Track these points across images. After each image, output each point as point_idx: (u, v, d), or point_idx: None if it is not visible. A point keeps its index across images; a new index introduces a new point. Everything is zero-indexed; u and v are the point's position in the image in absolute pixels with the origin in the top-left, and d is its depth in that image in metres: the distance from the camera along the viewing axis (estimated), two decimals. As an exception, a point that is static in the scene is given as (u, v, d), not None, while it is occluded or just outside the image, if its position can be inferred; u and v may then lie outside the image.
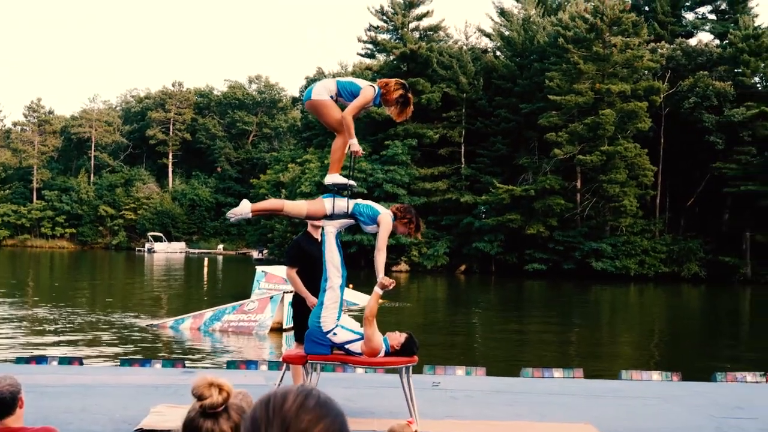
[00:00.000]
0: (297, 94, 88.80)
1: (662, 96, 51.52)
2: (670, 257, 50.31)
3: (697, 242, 50.51)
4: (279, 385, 6.23)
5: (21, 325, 20.17)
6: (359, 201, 6.45)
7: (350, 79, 6.56)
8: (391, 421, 6.71)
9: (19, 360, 10.31)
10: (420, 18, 63.20)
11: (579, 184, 52.02)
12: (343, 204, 6.32)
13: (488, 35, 63.92)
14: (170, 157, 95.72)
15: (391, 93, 6.43)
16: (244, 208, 6.19)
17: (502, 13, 62.29)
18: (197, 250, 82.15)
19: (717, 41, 57.51)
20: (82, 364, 9.98)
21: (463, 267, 54.50)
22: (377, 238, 6.29)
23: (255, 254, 69.36)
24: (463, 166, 57.51)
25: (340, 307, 6.32)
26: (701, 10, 62.44)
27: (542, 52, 55.82)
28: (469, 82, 57.03)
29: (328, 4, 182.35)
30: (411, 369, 6.39)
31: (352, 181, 6.43)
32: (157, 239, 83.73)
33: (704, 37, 60.29)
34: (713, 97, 49.48)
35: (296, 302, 7.39)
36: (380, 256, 6.26)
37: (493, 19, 63.54)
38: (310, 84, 6.61)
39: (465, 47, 62.81)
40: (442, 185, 56.20)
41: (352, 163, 6.65)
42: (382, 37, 63.29)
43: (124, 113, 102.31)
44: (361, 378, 8.81)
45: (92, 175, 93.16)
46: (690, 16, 62.88)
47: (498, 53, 62.54)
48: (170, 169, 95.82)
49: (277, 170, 67.56)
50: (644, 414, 7.38)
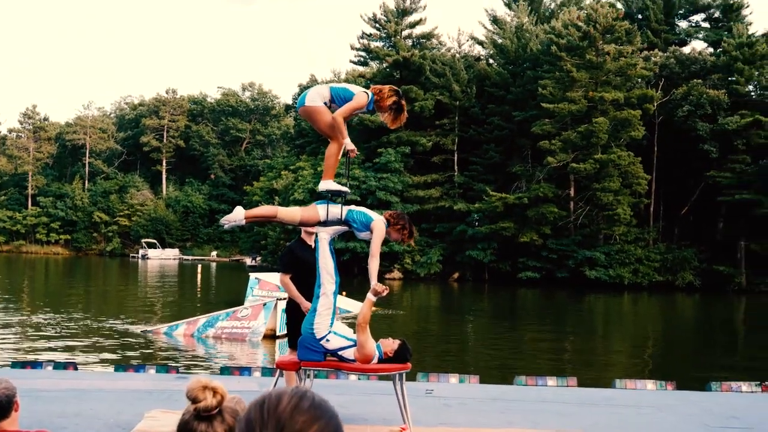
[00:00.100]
0: (290, 102, 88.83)
1: (656, 104, 51.64)
2: (664, 266, 50.31)
3: (691, 251, 50.50)
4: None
5: (16, 331, 20.11)
6: (353, 207, 6.45)
7: (344, 85, 6.57)
8: (384, 428, 6.73)
9: (15, 365, 10.28)
10: (413, 26, 63.30)
11: (572, 192, 52.03)
12: (336, 210, 6.32)
13: (481, 43, 64.03)
14: (164, 163, 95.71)
15: (384, 100, 6.44)
16: (237, 215, 6.19)
17: (495, 20, 62.39)
18: (191, 257, 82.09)
19: (711, 49, 57.68)
20: (76, 369, 9.96)
21: (456, 275, 54.47)
22: (370, 245, 6.29)
23: (248, 261, 69.34)
24: (456, 173, 57.53)
25: (333, 314, 6.32)
26: (695, 18, 62.73)
27: (535, 60, 55.89)
28: (462, 90, 57.10)
29: (321, 12, 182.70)
30: (404, 376, 6.39)
31: (346, 188, 6.44)
32: (151, 246, 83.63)
33: (698, 45, 60.58)
34: (707, 106, 49.57)
35: (290, 309, 7.39)
36: (373, 263, 6.26)
37: (485, 27, 63.65)
38: (304, 91, 6.63)
39: (458, 55, 62.89)
40: (435, 193, 56.20)
41: (348, 163, 6.66)
42: (375, 44, 63.38)
43: (118, 120, 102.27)
44: (354, 384, 8.79)
45: (87, 181, 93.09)
46: (683, 24, 63.14)
47: (491, 61, 62.62)
48: (164, 176, 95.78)
49: (271, 177, 67.53)
50: (638, 423, 7.39)
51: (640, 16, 60.25)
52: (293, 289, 7.19)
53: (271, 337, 19.55)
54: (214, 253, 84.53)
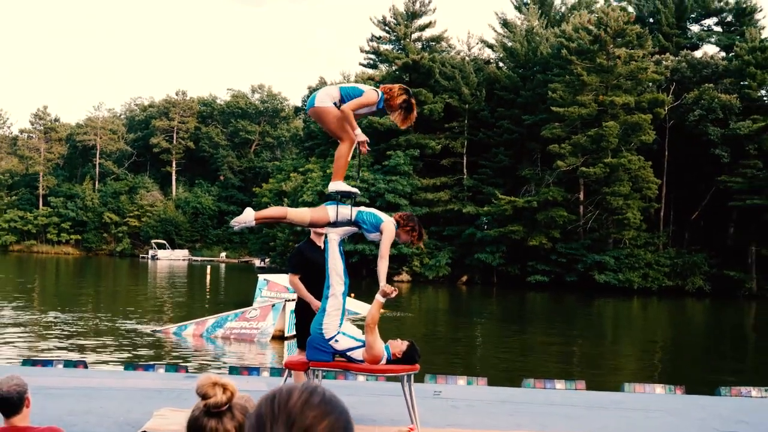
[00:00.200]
0: (299, 104, 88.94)
1: (667, 108, 51.45)
2: (674, 271, 50.11)
3: (701, 256, 50.27)
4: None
5: (27, 329, 20.22)
6: (362, 209, 6.46)
7: (353, 84, 6.57)
8: (393, 428, 6.73)
9: (25, 362, 10.38)
10: (422, 28, 63.31)
11: (582, 196, 51.90)
12: (346, 211, 6.32)
13: (491, 46, 63.95)
14: (174, 165, 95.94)
15: (394, 98, 6.44)
16: (247, 216, 6.19)
17: (505, 24, 62.33)
18: (200, 258, 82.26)
19: (723, 53, 57.48)
20: (86, 367, 10.02)
21: (464, 278, 54.40)
22: (380, 246, 6.29)
23: (257, 262, 69.42)
24: (465, 176, 57.47)
25: (342, 315, 6.33)
26: (707, 22, 62.44)
27: (545, 64, 55.78)
28: (471, 93, 57.04)
29: (331, 15, 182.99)
30: (412, 377, 6.40)
31: (355, 189, 6.44)
32: (160, 246, 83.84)
33: (710, 50, 60.34)
34: (719, 110, 49.35)
35: (299, 309, 7.40)
36: (382, 264, 6.26)
37: (495, 30, 63.61)
38: (313, 93, 6.62)
39: (467, 58, 62.83)
40: (444, 196, 56.15)
41: (359, 155, 6.66)
42: (384, 47, 63.42)
43: (128, 121, 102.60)
44: (363, 385, 8.81)
45: (97, 182, 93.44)
46: (695, 28, 62.86)
47: (501, 64, 62.52)
48: (174, 177, 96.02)
49: (280, 179, 67.57)
50: (647, 426, 7.37)
51: (651, 20, 60.06)
52: (303, 289, 7.20)
53: (279, 338, 19.58)
54: (223, 254, 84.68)
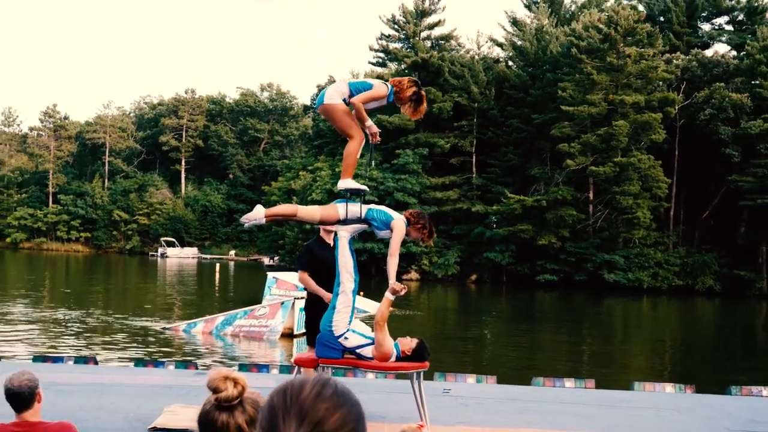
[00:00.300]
0: (308, 102, 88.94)
1: (677, 107, 51.25)
2: (684, 270, 49.97)
3: (711, 255, 50.11)
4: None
5: (38, 326, 20.31)
6: (373, 206, 6.46)
7: (362, 79, 6.59)
8: (402, 425, 6.73)
9: (36, 359, 10.41)
10: (432, 27, 63.30)
11: (591, 195, 51.80)
12: (356, 209, 6.32)
13: (500, 45, 63.86)
14: (183, 163, 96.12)
15: (404, 91, 6.44)
16: (257, 213, 6.20)
17: (515, 22, 62.22)
18: (209, 256, 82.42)
19: (734, 52, 57.20)
20: (96, 363, 10.06)
21: (473, 277, 54.36)
22: (390, 244, 6.28)
23: (266, 260, 69.53)
24: (474, 175, 57.41)
25: (352, 312, 6.33)
26: (718, 20, 62.14)
27: (555, 62, 55.70)
28: (480, 92, 56.97)
29: (340, 13, 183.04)
30: (422, 374, 6.39)
31: (365, 187, 6.44)
32: (170, 244, 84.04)
33: (721, 48, 60.07)
34: (729, 109, 49.12)
35: (309, 307, 7.40)
36: (392, 262, 6.25)
37: (505, 29, 63.51)
38: (322, 90, 6.64)
39: (477, 57, 62.78)
40: (453, 194, 56.11)
41: (372, 148, 6.66)
42: (393, 45, 63.43)
43: (137, 119, 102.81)
44: (372, 383, 8.80)
45: (106, 180, 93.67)
46: (706, 26, 62.56)
47: (510, 63, 62.44)
48: (183, 175, 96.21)
49: (289, 177, 67.61)
50: (657, 425, 7.34)
51: (662, 19, 59.80)
52: (313, 284, 7.18)
53: (288, 335, 19.61)
54: (232, 252, 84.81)
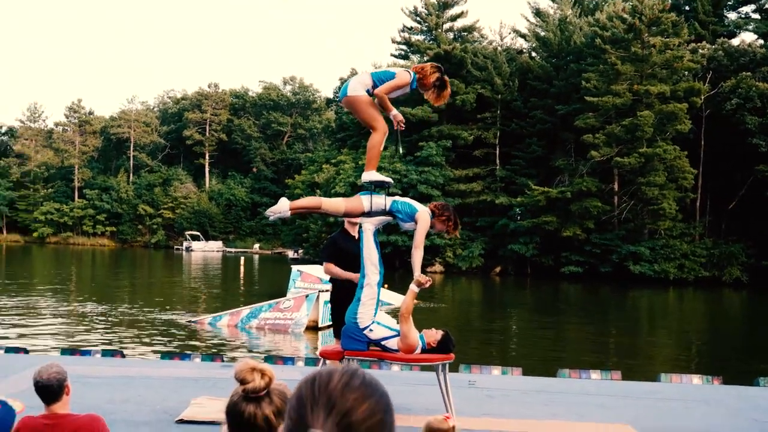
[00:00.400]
0: (331, 95, 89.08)
1: (703, 97, 50.70)
2: (710, 261, 49.52)
3: (738, 246, 49.61)
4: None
5: (65, 320, 20.54)
6: (397, 198, 6.45)
7: (384, 68, 6.58)
8: (428, 417, 6.73)
9: (64, 352, 10.53)
10: (454, 19, 63.04)
11: (616, 186, 51.48)
12: (380, 201, 6.32)
13: (523, 36, 63.55)
14: (207, 157, 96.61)
15: (427, 77, 6.43)
16: (282, 206, 6.22)
17: (538, 13, 61.86)
18: (234, 249, 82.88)
19: (761, 41, 56.43)
20: (123, 356, 10.16)
21: (498, 269, 54.22)
22: (414, 236, 6.27)
23: (290, 254, 69.77)
24: (498, 167, 57.22)
25: (377, 304, 6.33)
26: (744, 9, 61.33)
27: (579, 53, 55.30)
28: (504, 83, 56.71)
29: (362, 6, 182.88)
30: (447, 366, 6.39)
31: (388, 179, 6.44)
32: (194, 238, 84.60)
33: (747, 37, 59.41)
34: (756, 99, 48.49)
35: (335, 299, 7.41)
36: (417, 254, 6.25)
37: (528, 20, 63.16)
38: (345, 82, 6.68)
39: (500, 48, 62.51)
40: (476, 187, 55.97)
41: (398, 136, 6.67)
42: (415, 38, 63.29)
43: (161, 114, 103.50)
44: (397, 375, 8.81)
45: (131, 174, 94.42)
46: (732, 15, 61.78)
47: (533, 54, 62.07)
48: (207, 169, 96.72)
49: (312, 171, 67.77)
50: (684, 416, 7.30)
51: (687, 8, 59.14)
52: (339, 271, 7.19)
53: (313, 328, 19.69)
54: (256, 245, 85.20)
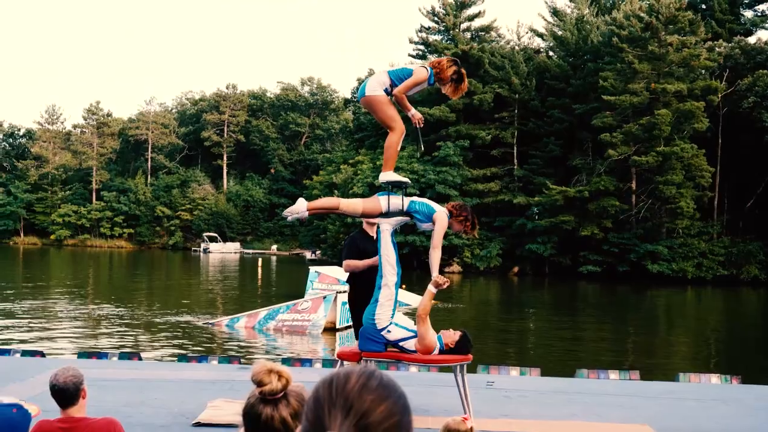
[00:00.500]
0: (349, 96, 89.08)
1: (720, 95, 50.43)
2: (728, 260, 49.23)
3: (757, 245, 49.30)
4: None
5: (82, 322, 20.64)
6: (415, 198, 6.45)
7: (401, 65, 6.59)
8: (446, 418, 6.72)
9: (81, 355, 10.57)
10: (471, 18, 62.98)
11: (634, 185, 51.25)
12: (398, 201, 6.32)
13: (541, 35, 63.39)
14: (224, 158, 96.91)
15: (445, 71, 6.43)
16: (300, 207, 6.22)
17: (555, 12, 61.70)
18: (251, 251, 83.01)
19: (778, 39, 56.10)
20: (140, 359, 10.19)
21: (516, 269, 54.07)
22: (432, 236, 6.27)
23: (308, 255, 69.81)
24: (515, 167, 57.08)
25: (395, 305, 6.32)
26: (761, 7, 60.93)
27: (596, 52, 55.11)
28: (521, 83, 56.56)
29: (380, 6, 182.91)
30: (465, 367, 6.37)
31: (406, 179, 6.44)
32: (212, 239, 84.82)
33: (764, 35, 59.06)
34: (773, 97, 48.25)
35: (353, 300, 7.40)
36: (435, 254, 6.25)
37: (545, 19, 62.99)
38: (363, 82, 6.71)
39: (517, 47, 62.36)
40: (494, 186, 55.86)
41: (419, 134, 6.69)
42: (433, 38, 63.26)
43: (179, 115, 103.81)
44: (415, 376, 8.81)
45: (149, 176, 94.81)
46: (749, 13, 61.43)
47: (551, 53, 61.95)
48: (225, 171, 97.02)
49: (330, 171, 67.82)
50: (703, 415, 7.25)
51: (704, 6, 58.85)
52: (358, 263, 7.16)
53: (330, 329, 19.69)
54: (274, 246, 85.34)
